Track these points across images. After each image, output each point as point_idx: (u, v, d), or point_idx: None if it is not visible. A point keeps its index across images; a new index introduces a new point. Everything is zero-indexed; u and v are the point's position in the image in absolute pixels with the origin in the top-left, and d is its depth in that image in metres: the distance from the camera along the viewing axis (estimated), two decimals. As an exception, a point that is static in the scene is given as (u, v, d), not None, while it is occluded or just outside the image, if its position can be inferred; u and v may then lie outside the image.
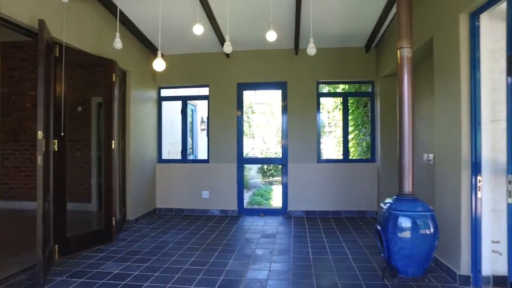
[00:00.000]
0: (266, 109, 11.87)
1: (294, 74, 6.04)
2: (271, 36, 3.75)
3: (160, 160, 6.43)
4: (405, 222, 2.73)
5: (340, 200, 5.92)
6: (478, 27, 3.02)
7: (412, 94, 2.86)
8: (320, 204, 5.96)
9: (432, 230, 2.73)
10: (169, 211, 6.30)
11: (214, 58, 6.22)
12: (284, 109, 6.11)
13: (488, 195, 3.01)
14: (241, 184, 6.23)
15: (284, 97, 6.10)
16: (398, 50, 2.96)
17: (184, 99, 6.53)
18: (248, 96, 11.71)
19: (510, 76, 2.58)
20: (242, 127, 6.36)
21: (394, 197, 2.97)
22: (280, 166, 6.24)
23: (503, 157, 2.98)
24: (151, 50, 5.97)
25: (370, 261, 3.67)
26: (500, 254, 3.04)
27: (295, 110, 6.02)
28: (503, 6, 2.87)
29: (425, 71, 4.53)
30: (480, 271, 3.00)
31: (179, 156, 6.71)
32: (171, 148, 7.77)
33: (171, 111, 7.45)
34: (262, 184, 10.77)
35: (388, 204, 2.90)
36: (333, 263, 3.61)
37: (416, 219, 2.72)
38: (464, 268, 3.06)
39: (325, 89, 7.35)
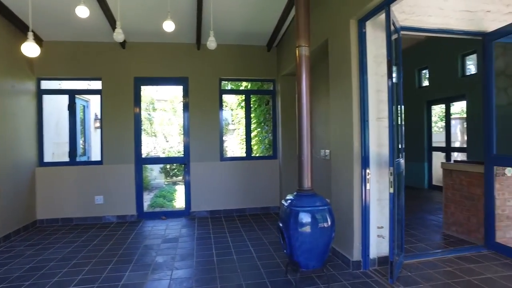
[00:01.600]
0: (168, 106, 11.32)
1: (196, 70, 5.82)
2: (168, 26, 3.48)
3: (41, 163, 5.47)
4: (305, 218, 2.80)
5: (245, 198, 5.95)
6: (365, 33, 3.29)
7: (310, 92, 2.96)
8: (225, 203, 5.89)
9: (329, 223, 2.86)
10: (53, 222, 5.42)
11: (107, 49, 5.56)
12: (186, 106, 5.83)
13: (375, 186, 3.33)
14: (140, 186, 5.74)
15: (186, 94, 5.83)
16: (297, 49, 3.03)
17: (72, 93, 5.69)
18: (149, 92, 10.98)
19: (390, 79, 2.87)
20: (141, 125, 5.86)
21: (295, 193, 3.04)
22: (183, 165, 5.96)
23: (386, 151, 3.32)
24: (25, 33, 5.02)
25: (274, 257, 3.72)
26: (383, 238, 3.38)
27: (197, 107, 5.81)
28: (383, 16, 3.18)
29: (322, 71, 4.82)
30: (368, 255, 3.29)
31: (66, 158, 5.82)
32: (57, 149, 6.72)
33: (57, 106, 6.44)
34: (165, 184, 10.23)
35: (289, 201, 2.95)
36: (238, 264, 3.54)
37: (315, 214, 2.82)
38: (356, 254, 3.32)
39: (228, 86, 7.30)
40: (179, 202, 7.76)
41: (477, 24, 3.67)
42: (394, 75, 2.90)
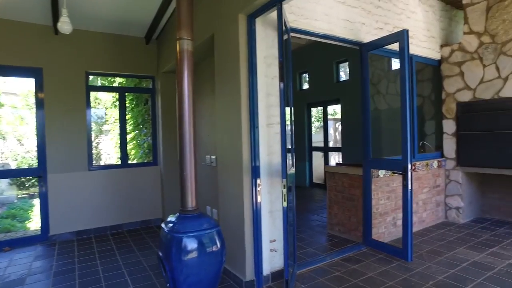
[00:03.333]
0: (21, 102, 9.19)
1: (54, 59, 4.67)
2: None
3: None
4: (190, 245, 2.33)
5: (121, 212, 5.11)
6: (255, 31, 3.01)
7: (193, 92, 2.50)
8: (96, 220, 4.92)
9: (219, 246, 2.47)
10: None
11: None
12: (40, 104, 4.63)
13: (266, 197, 3.08)
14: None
15: (40, 88, 4.63)
16: (178, 42, 2.52)
17: None
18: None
19: (282, 82, 2.64)
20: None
21: (177, 214, 2.54)
22: (36, 178, 4.73)
23: (277, 159, 3.11)
24: None
25: (155, 286, 3.14)
26: (276, 251, 3.18)
27: (56, 106, 4.67)
28: (274, 14, 2.94)
29: (208, 69, 4.39)
30: (261, 273, 3.03)
31: None
32: None
33: None
34: (18, 199, 8.26)
35: (170, 225, 2.43)
36: (108, 304, 2.84)
37: (203, 238, 2.38)
38: (249, 273, 3.02)
39: (98, 81, 6.21)
40: (38, 221, 6.27)
41: (355, 34, 3.82)
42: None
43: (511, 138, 4.21)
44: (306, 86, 8.68)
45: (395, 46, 3.91)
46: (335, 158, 9.72)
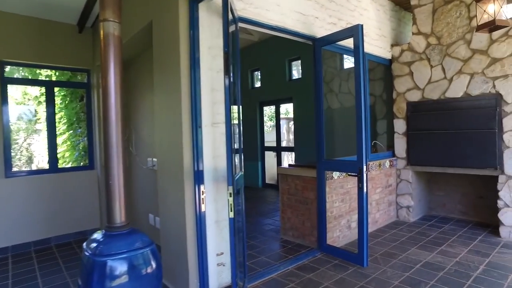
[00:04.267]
0: None
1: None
2: None
3: None
4: (118, 269, 1.92)
5: (49, 224, 4.44)
6: (198, 18, 2.65)
7: (121, 87, 2.07)
8: (16, 236, 4.21)
9: (154, 267, 2.08)
10: None
11: None
12: None
13: (212, 206, 2.74)
14: None
15: None
16: (102, 24, 2.08)
17: None
18: None
19: (228, 76, 2.32)
20: None
21: (103, 231, 2.10)
22: None
23: (223, 162, 2.79)
24: None
25: (81, 315, 2.66)
26: (224, 265, 2.86)
27: (-37, 101, 3.92)
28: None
29: (148, 62, 3.94)
30: (207, 290, 2.69)
31: None
32: None
33: None
34: None
35: (93, 245, 1.99)
36: None
37: (134, 260, 1.98)
38: (192, 293, 2.66)
39: (19, 73, 5.40)
40: None
41: (308, 28, 3.61)
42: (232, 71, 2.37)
43: (454, 137, 4.29)
44: (258, 84, 8.44)
45: (349, 43, 3.77)
46: (288, 158, 9.62)
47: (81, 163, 5.15)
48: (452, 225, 4.55)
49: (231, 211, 2.28)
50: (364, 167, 3.14)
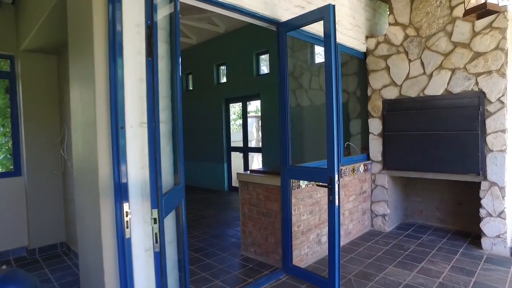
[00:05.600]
0: None
1: None
2: None
3: None
4: None
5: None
6: (121, -16, 2.00)
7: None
8: None
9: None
10: None
11: None
12: None
13: (141, 229, 2.10)
14: None
15: None
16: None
17: None
18: None
19: (151, 57, 1.70)
20: None
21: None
22: None
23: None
24: None
25: None
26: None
27: None
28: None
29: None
30: None
31: None
32: None
33: None
34: None
35: None
36: None
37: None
38: None
39: None
40: None
41: (271, 10, 3.04)
42: (159, 52, 1.74)
43: (434, 139, 3.88)
44: (224, 79, 7.81)
45: (319, 31, 3.25)
46: (258, 160, 9.07)
47: (4, 170, 4.29)
48: (430, 235, 4.14)
49: (156, 242, 1.66)
50: (336, 176, 2.60)
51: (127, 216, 1.97)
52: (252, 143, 9.85)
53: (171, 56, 2.18)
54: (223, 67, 7.78)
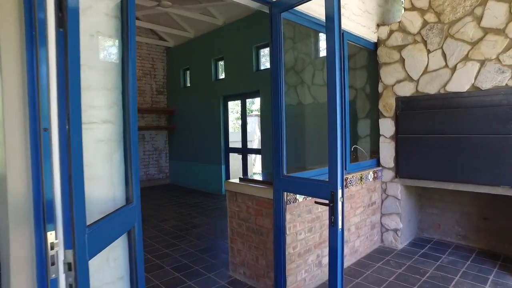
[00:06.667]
0: None
1: None
2: None
3: None
4: None
5: None
6: None
7: None
8: None
9: None
10: None
11: None
12: None
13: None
14: None
15: None
16: None
17: None
18: None
19: (63, 29, 1.17)
20: None
21: None
22: None
23: (102, 188, 1.64)
24: None
25: None
26: None
27: None
28: None
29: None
30: None
31: None
32: None
33: None
34: None
35: None
36: None
37: None
38: None
39: None
40: None
41: (263, -14, 2.49)
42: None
43: (458, 144, 3.29)
44: (223, 75, 7.29)
45: (320, 14, 2.69)
46: (260, 162, 8.53)
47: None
48: (451, 255, 3.56)
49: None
50: (340, 191, 2.05)
51: (53, 248, 1.44)
52: (254, 144, 9.32)
53: (122, 35, 1.65)
54: (221, 62, 7.25)
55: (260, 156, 7.83)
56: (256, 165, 9.65)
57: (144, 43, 8.26)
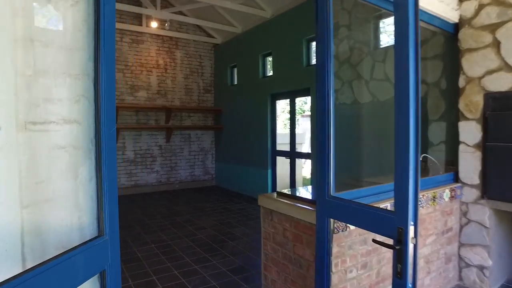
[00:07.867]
0: None
1: None
2: None
3: None
4: None
5: None
6: None
7: None
8: None
9: None
10: None
11: None
12: None
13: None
14: None
15: None
16: None
17: None
18: None
19: None
20: None
21: None
22: None
23: (64, 214, 1.19)
24: None
25: None
26: None
27: None
28: None
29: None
30: None
31: None
32: None
33: None
34: None
35: None
36: None
37: None
38: None
39: None
40: None
41: None
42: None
43: None
44: (271, 72, 6.76)
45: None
46: (310, 168, 7.87)
47: None
48: (561, 307, 2.62)
49: None
50: (411, 228, 1.39)
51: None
52: (304, 147, 8.66)
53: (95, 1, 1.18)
54: (269, 58, 6.73)
55: (310, 160, 7.17)
56: (305, 167, 8.98)
57: (192, 40, 8.06)
